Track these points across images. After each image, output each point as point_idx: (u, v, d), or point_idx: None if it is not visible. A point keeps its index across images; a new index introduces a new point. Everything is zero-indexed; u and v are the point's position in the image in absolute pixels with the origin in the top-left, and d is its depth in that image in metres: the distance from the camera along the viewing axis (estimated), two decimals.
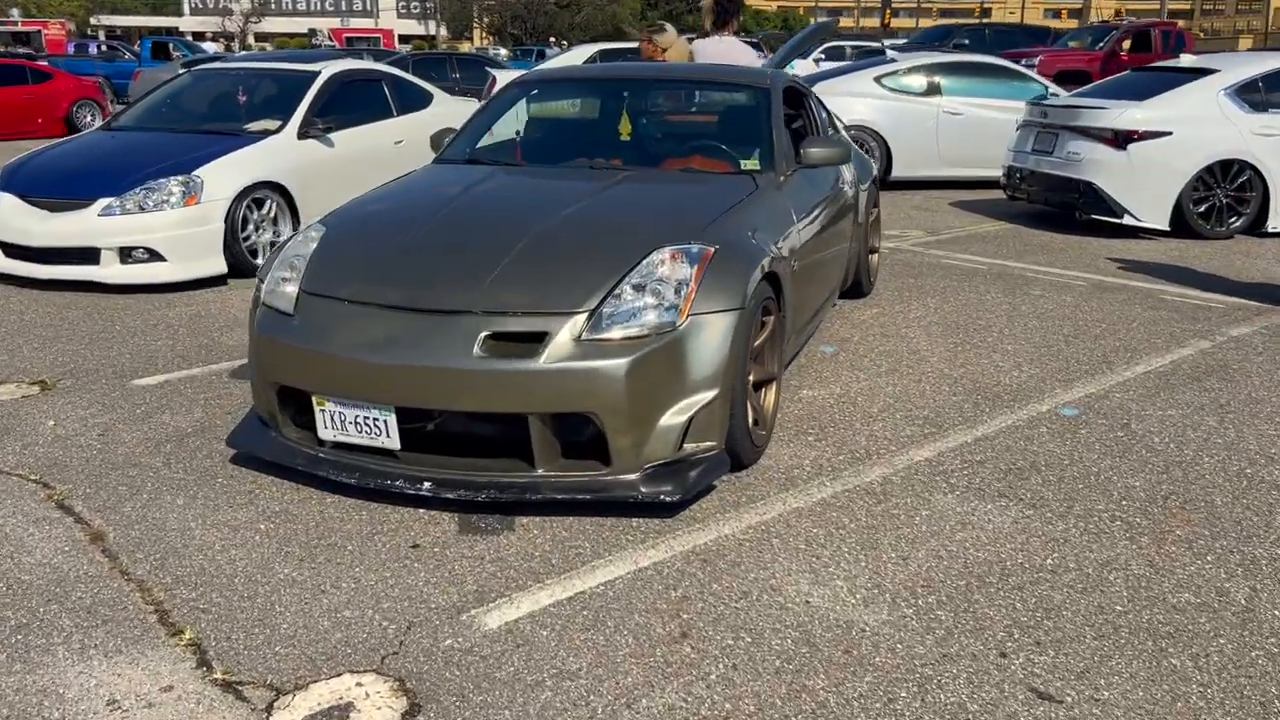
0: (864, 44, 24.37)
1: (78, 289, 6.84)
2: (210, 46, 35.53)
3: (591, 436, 3.57)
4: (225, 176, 6.99)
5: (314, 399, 3.68)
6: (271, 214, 7.36)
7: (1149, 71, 9.80)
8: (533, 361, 3.43)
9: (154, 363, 5.38)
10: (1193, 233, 8.62)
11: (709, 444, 3.64)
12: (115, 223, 6.66)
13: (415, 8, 72.64)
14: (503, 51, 38.43)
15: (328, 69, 8.29)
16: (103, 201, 6.70)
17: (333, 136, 7.93)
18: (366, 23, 68.40)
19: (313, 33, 58.55)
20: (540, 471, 3.55)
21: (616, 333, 3.49)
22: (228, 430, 4.39)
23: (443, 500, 3.60)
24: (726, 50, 7.40)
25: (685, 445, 3.59)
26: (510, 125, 5.45)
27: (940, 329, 5.94)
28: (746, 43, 7.57)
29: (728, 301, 3.64)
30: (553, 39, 39.51)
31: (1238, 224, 8.67)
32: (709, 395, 3.59)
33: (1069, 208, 9.03)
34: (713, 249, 3.75)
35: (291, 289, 3.90)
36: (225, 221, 6.92)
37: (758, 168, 4.71)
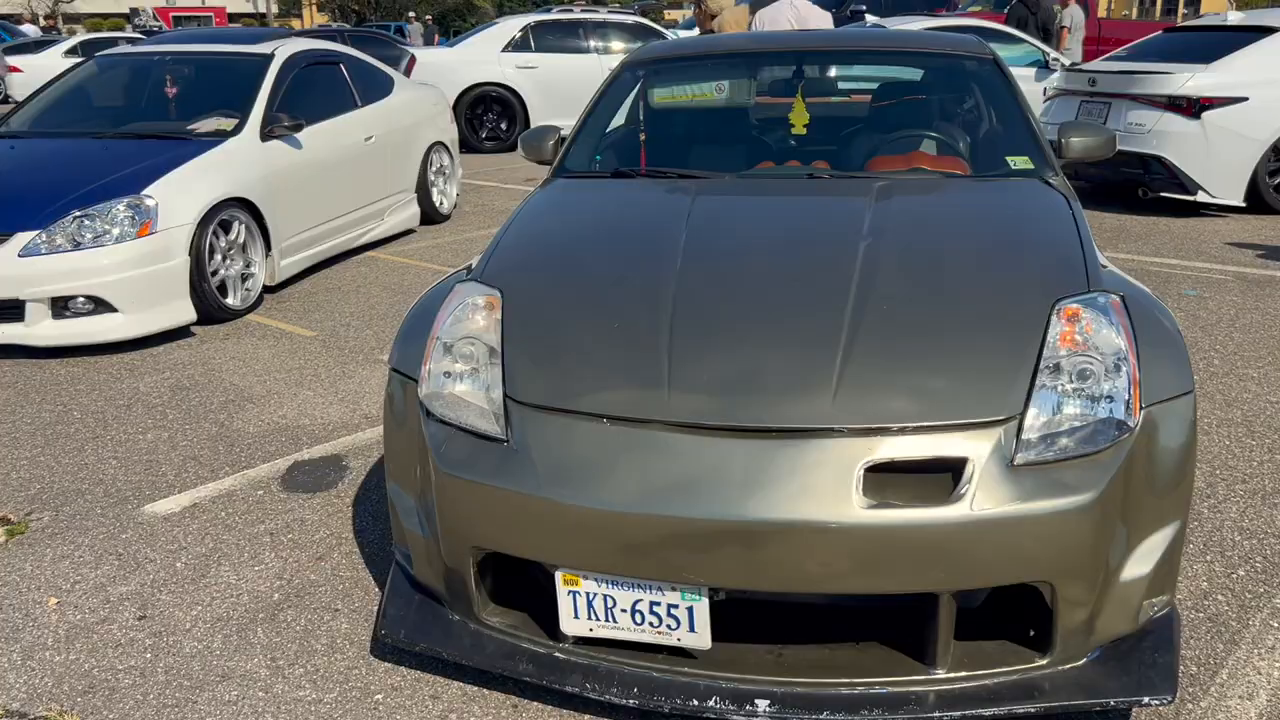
0: None
1: None
2: (30, 29, 31.81)
3: (989, 607, 2.34)
4: (184, 195, 5.31)
5: (560, 576, 2.30)
6: (240, 239, 5.71)
7: (1191, 32, 8.98)
8: (952, 507, 2.14)
9: (157, 472, 3.80)
10: (1267, 208, 7.82)
11: (1163, 598, 2.42)
12: (43, 264, 4.93)
13: None
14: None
15: (282, 49, 6.59)
16: (22, 237, 4.95)
17: (300, 136, 6.30)
18: (193, 0, 63.45)
19: (135, 12, 53.62)
20: (942, 674, 2.28)
21: (1059, 448, 2.23)
22: (331, 588, 2.95)
23: None
24: (801, 17, 6.13)
25: (1142, 605, 2.37)
26: (630, 121, 4.05)
27: None
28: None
29: (1176, 382, 2.41)
30: (412, 14, 37.08)
31: None
32: (1174, 527, 2.37)
33: (1131, 184, 8.11)
34: (1118, 298, 2.53)
35: (475, 391, 2.48)
36: (190, 254, 5.27)
37: (1031, 166, 3.46)
